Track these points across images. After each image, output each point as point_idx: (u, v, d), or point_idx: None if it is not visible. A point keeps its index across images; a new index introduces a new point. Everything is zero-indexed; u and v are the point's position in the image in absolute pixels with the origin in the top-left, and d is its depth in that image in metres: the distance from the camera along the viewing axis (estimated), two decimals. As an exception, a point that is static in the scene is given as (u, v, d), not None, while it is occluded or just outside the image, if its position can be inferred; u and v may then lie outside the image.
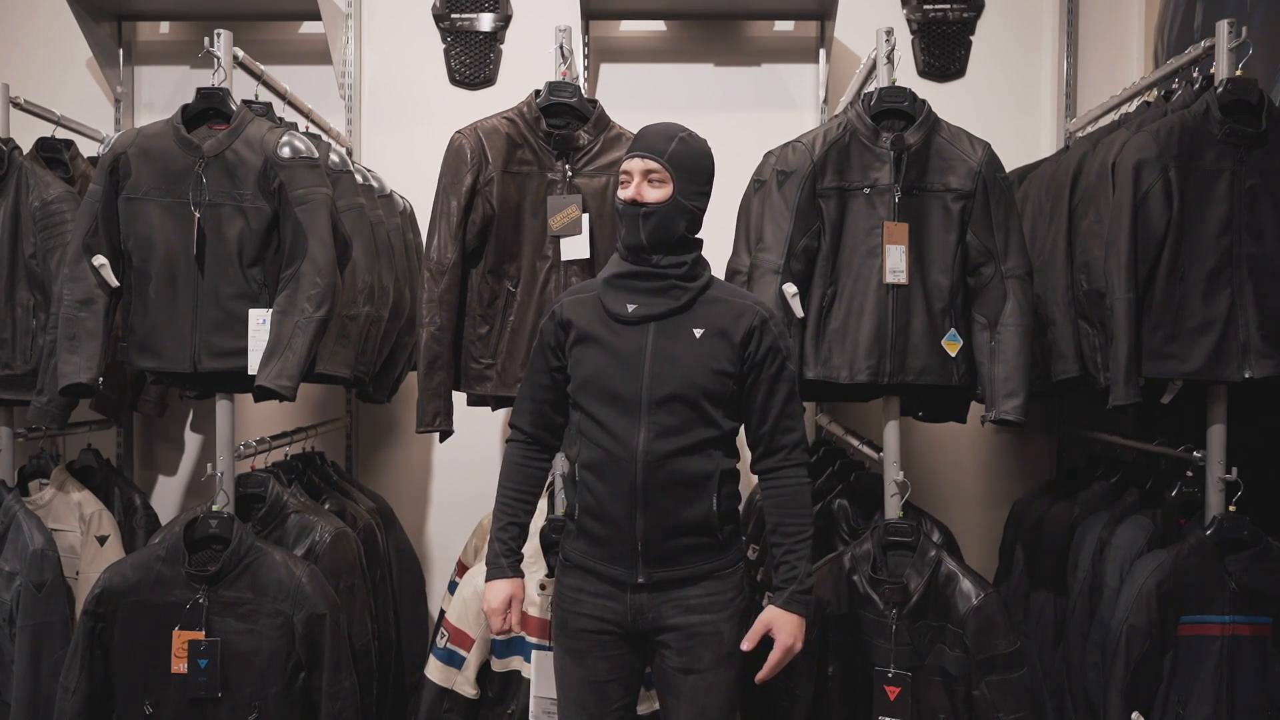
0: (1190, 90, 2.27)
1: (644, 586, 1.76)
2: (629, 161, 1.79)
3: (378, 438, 3.29)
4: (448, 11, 3.24)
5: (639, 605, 1.77)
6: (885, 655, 2.09)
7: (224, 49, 2.29)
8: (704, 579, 1.78)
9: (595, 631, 1.80)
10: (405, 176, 3.12)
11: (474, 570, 2.28)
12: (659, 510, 1.73)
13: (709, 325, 1.77)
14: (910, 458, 3.04)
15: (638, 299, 1.79)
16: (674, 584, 1.77)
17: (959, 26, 3.20)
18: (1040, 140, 3.17)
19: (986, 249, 2.18)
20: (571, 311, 1.83)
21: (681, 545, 1.76)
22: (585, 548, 1.81)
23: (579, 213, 2.28)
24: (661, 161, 1.75)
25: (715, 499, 1.76)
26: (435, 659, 2.21)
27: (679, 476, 1.73)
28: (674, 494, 1.74)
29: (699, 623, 1.77)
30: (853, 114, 2.22)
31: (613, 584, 1.78)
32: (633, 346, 1.77)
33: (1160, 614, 2.10)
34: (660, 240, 1.76)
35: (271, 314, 2.20)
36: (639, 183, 1.76)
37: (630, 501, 1.74)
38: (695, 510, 1.75)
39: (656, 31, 3.27)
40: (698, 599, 1.78)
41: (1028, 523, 2.73)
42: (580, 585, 1.82)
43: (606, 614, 1.79)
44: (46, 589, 2.31)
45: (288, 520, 2.35)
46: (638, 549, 1.75)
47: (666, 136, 1.78)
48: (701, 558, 1.78)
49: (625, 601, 1.78)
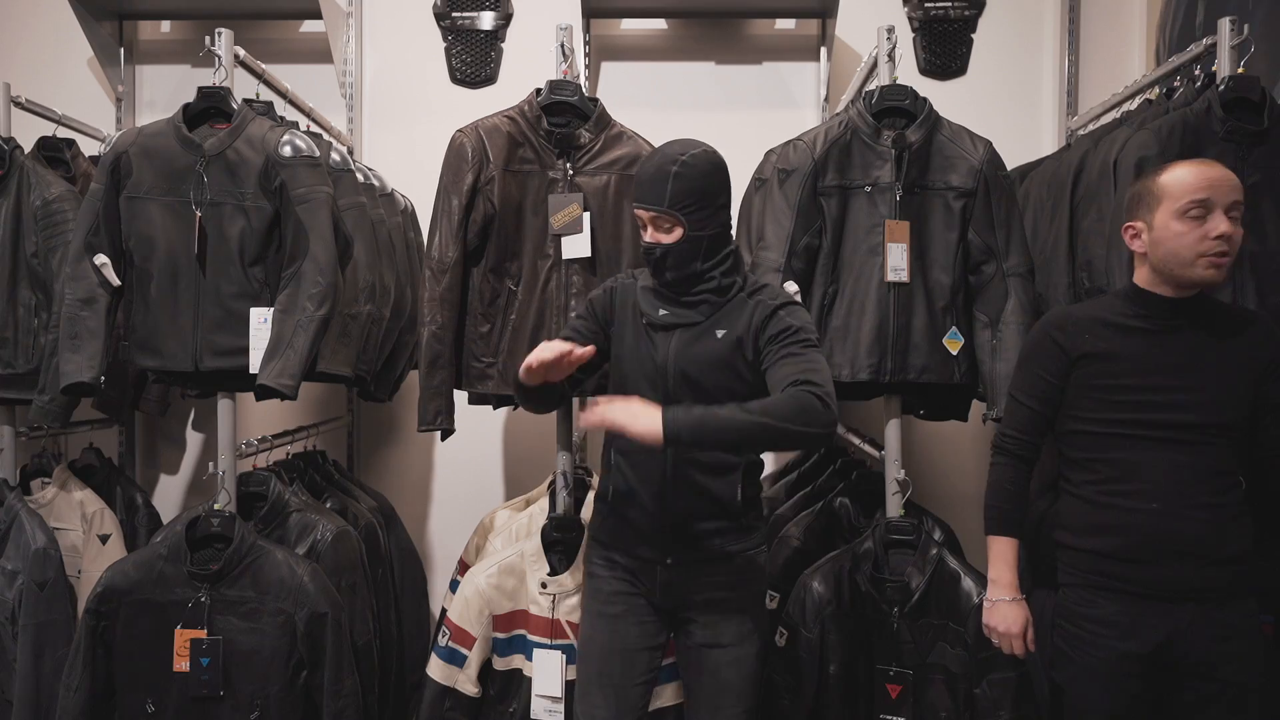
0: (1192, 88, 2.27)
1: (671, 566, 1.85)
2: (639, 210, 1.81)
3: (379, 436, 3.29)
4: (449, 10, 3.24)
5: (667, 581, 1.86)
6: (887, 654, 2.10)
7: (225, 48, 2.29)
8: (729, 560, 1.86)
9: (630, 594, 1.89)
10: (406, 175, 3.12)
11: (475, 568, 2.28)
12: (687, 497, 1.83)
13: (730, 325, 1.82)
14: (912, 456, 3.04)
15: (669, 307, 1.86)
16: (700, 563, 1.85)
17: (960, 24, 3.19)
18: (1042, 138, 3.17)
19: (988, 247, 2.18)
20: (621, 297, 1.91)
21: (708, 528, 1.84)
22: (615, 527, 1.90)
23: (580, 211, 2.28)
24: (662, 210, 1.77)
25: (740, 487, 1.84)
26: (437, 657, 2.22)
27: (706, 466, 1.82)
28: (701, 482, 1.82)
29: (723, 599, 1.85)
30: (854, 112, 2.22)
31: (642, 562, 1.87)
32: (663, 347, 1.83)
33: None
34: (683, 277, 1.82)
35: (273, 313, 2.20)
36: (651, 229, 1.81)
37: (660, 488, 1.83)
38: (720, 496, 1.83)
39: (657, 30, 3.26)
40: (724, 576, 1.86)
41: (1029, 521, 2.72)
42: (612, 559, 1.91)
43: (640, 586, 1.88)
44: (49, 588, 2.31)
45: (289, 519, 2.35)
46: (667, 532, 1.84)
47: (661, 177, 1.77)
48: (727, 540, 1.85)
49: (655, 578, 1.87)
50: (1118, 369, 1.77)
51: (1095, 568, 1.78)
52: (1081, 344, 1.81)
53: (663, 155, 1.79)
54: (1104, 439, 1.78)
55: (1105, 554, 1.76)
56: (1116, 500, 1.75)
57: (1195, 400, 1.72)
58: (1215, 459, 1.72)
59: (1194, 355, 1.75)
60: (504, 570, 2.21)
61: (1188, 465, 1.72)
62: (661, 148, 1.82)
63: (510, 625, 2.21)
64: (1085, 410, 1.80)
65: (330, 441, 3.12)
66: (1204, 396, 1.73)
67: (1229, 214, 1.70)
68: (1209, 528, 1.70)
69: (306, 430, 2.75)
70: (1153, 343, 1.77)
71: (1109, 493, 1.76)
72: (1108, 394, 1.77)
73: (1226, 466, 1.73)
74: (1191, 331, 1.76)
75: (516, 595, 2.21)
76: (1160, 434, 1.73)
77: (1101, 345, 1.79)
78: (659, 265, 1.82)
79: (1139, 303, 1.79)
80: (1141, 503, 1.73)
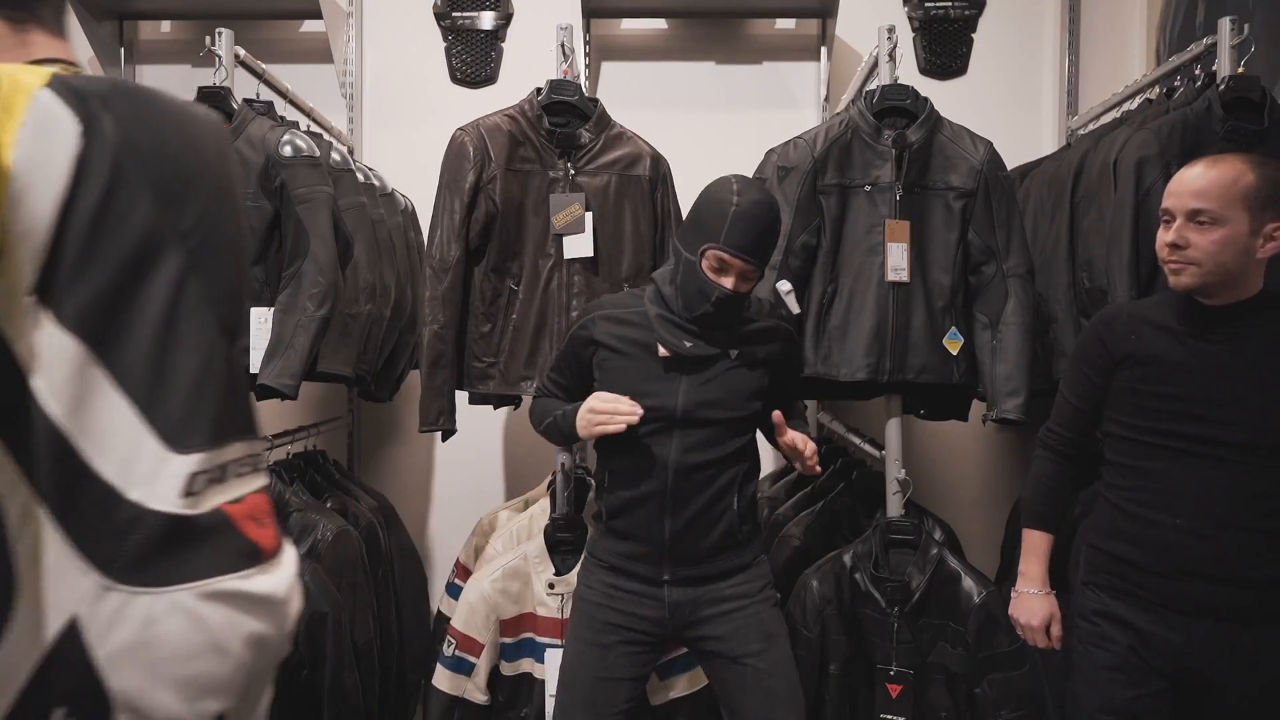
0: (1192, 88, 2.27)
1: (672, 582, 1.82)
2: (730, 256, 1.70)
3: (379, 436, 3.29)
4: (449, 10, 3.24)
5: (675, 601, 1.82)
6: (887, 653, 2.10)
7: (225, 48, 2.29)
8: (731, 574, 1.84)
9: (626, 628, 1.84)
10: (406, 175, 3.12)
11: (479, 574, 2.28)
12: (686, 515, 1.79)
13: (743, 345, 1.82)
14: (912, 456, 3.04)
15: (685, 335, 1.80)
16: (702, 580, 1.83)
17: (960, 24, 3.20)
18: (1042, 138, 3.17)
19: (988, 247, 2.18)
20: (603, 332, 1.84)
21: (707, 545, 1.81)
22: (613, 546, 1.86)
23: (582, 211, 2.28)
24: (758, 265, 1.74)
25: (736, 499, 1.82)
26: (443, 668, 2.19)
27: (707, 483, 1.80)
28: (701, 499, 1.80)
29: (735, 609, 1.83)
30: (854, 111, 2.22)
31: (645, 582, 1.83)
32: (671, 368, 1.80)
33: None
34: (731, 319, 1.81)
35: (273, 312, 2.20)
36: (735, 278, 1.73)
37: (660, 508, 1.80)
38: (718, 512, 1.81)
39: (658, 29, 3.26)
40: (730, 588, 1.83)
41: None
42: (613, 583, 1.86)
43: (644, 611, 1.83)
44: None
45: (289, 519, 2.35)
46: (666, 550, 1.81)
47: (767, 230, 1.72)
48: (726, 555, 1.84)
49: (663, 599, 1.83)
50: (1155, 375, 1.68)
51: (1116, 571, 1.73)
52: (1125, 344, 1.73)
53: (761, 200, 1.72)
54: (1137, 446, 1.70)
55: (1126, 560, 1.71)
56: (1142, 511, 1.68)
57: (1238, 417, 1.60)
58: (1258, 480, 1.59)
59: (1242, 369, 1.62)
60: (508, 574, 2.21)
61: (1223, 484, 1.60)
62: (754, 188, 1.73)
63: (517, 629, 2.20)
64: (1122, 414, 1.73)
65: (330, 441, 3.12)
66: (1249, 414, 1.60)
67: (1190, 221, 1.63)
68: (1238, 549, 1.60)
69: (307, 430, 2.75)
70: (1192, 351, 1.66)
71: (1135, 501, 1.70)
72: (1143, 400, 1.69)
73: (1271, 489, 1.59)
74: (1241, 343, 1.64)
75: (522, 598, 2.20)
76: (1195, 448, 1.64)
77: (1143, 348, 1.71)
78: (724, 311, 1.75)
79: (1177, 306, 1.71)
80: (1165, 517, 1.65)
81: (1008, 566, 2.80)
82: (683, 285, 1.77)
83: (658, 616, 1.83)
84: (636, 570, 1.84)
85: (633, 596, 1.84)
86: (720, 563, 1.83)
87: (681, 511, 1.79)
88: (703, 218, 1.73)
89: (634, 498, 1.81)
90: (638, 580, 1.84)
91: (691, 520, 1.80)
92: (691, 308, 1.76)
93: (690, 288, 1.75)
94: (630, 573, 1.84)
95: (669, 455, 1.78)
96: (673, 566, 1.82)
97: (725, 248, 1.70)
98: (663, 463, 1.78)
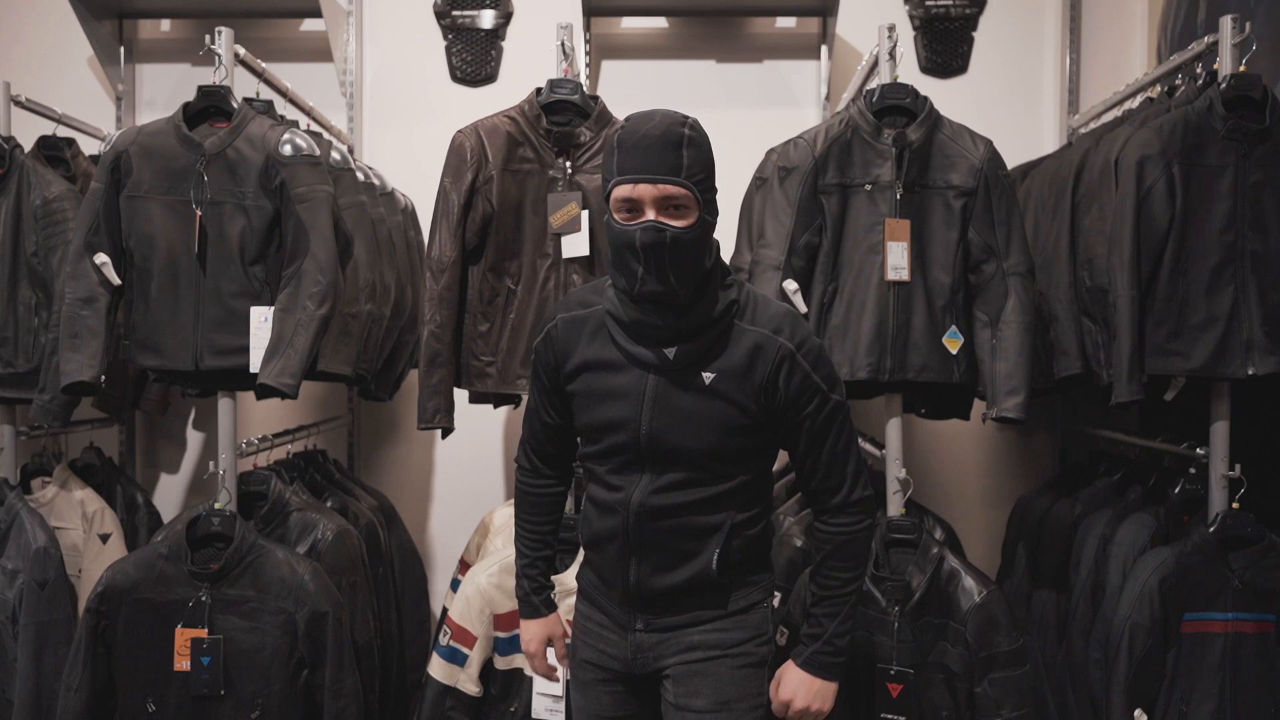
0: (1193, 86, 2.26)
1: (643, 629, 1.61)
2: (634, 188, 1.40)
3: (379, 435, 3.29)
4: (449, 9, 3.23)
5: (639, 644, 1.61)
6: (887, 653, 2.09)
7: (225, 46, 2.29)
8: (705, 621, 1.59)
9: (597, 665, 1.66)
10: (406, 174, 3.12)
11: (476, 567, 2.28)
12: (651, 562, 1.56)
13: (722, 367, 1.49)
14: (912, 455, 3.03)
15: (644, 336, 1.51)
16: (670, 627, 1.60)
17: (961, 23, 3.19)
18: (1043, 137, 3.17)
19: (988, 246, 2.18)
20: (565, 335, 1.59)
21: (678, 594, 1.58)
22: (592, 578, 1.69)
23: (579, 210, 2.28)
24: (678, 182, 1.39)
25: (717, 554, 1.54)
26: (438, 656, 2.21)
27: (678, 531, 1.54)
28: (670, 547, 1.55)
29: (700, 659, 1.58)
30: (855, 110, 2.21)
31: (614, 620, 1.64)
32: (633, 390, 1.51)
33: (1163, 611, 2.09)
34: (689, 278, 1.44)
35: (273, 312, 2.20)
36: (653, 210, 1.40)
37: (624, 549, 1.56)
38: (693, 564, 1.55)
39: (658, 28, 3.26)
40: (700, 635, 1.59)
41: (1030, 520, 2.72)
42: (588, 615, 1.70)
43: (609, 649, 1.64)
44: (49, 587, 2.31)
45: (290, 518, 2.35)
46: (630, 592, 1.59)
47: (672, 142, 1.39)
48: (704, 603, 1.59)
49: (626, 640, 1.62)
50: None
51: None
52: None
53: (664, 118, 1.42)
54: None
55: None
56: None
57: None
58: None
59: None
60: (505, 569, 2.21)
61: None
62: (646, 114, 1.44)
63: (512, 624, 2.20)
64: None
65: (331, 441, 3.12)
66: None
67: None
68: None
69: (307, 429, 2.75)
70: None
71: None
72: None
73: None
74: None
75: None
76: None
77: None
78: (660, 260, 1.40)
79: None
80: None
81: (1008, 566, 2.81)
82: (613, 258, 1.46)
83: (623, 656, 1.62)
84: (608, 608, 1.65)
85: (601, 631, 1.65)
86: (697, 611, 1.59)
87: (646, 559, 1.55)
88: (603, 171, 1.47)
89: (600, 532, 1.60)
90: (609, 616, 1.64)
91: (658, 568, 1.56)
92: (630, 281, 1.44)
93: (618, 255, 1.44)
94: (602, 608, 1.66)
95: (631, 494, 1.54)
96: (642, 614, 1.60)
97: (622, 178, 1.40)
98: (624, 501, 1.54)
